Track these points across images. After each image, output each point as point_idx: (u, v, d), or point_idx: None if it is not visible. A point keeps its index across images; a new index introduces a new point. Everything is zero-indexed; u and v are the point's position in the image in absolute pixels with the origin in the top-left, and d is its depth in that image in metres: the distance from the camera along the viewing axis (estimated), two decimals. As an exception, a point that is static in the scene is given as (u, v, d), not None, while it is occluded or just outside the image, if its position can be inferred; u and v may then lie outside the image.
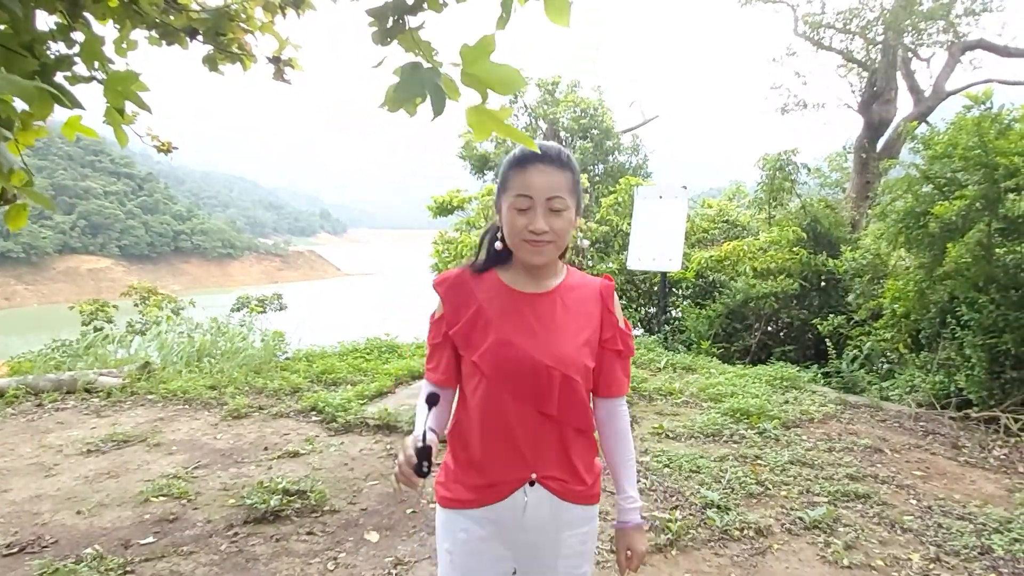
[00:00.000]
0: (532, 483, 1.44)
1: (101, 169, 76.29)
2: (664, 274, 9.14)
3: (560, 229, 1.41)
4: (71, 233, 67.75)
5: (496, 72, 1.34)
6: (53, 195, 66.39)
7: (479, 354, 1.40)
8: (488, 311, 1.45)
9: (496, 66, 1.33)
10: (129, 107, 1.85)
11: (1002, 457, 4.54)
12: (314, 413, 5.27)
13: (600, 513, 3.47)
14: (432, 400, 1.38)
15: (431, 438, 1.33)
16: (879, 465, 4.33)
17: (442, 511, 1.52)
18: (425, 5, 1.44)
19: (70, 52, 1.66)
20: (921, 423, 5.28)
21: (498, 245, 1.49)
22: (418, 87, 1.33)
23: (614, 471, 1.58)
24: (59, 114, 1.96)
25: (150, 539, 3.24)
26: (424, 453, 1.31)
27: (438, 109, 1.36)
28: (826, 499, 3.74)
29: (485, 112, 1.33)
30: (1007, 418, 5.04)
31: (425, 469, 1.30)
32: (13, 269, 61.26)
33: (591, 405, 1.55)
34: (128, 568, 2.95)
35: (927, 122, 11.93)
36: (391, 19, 1.36)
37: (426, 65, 1.33)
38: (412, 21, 1.39)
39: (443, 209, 11.76)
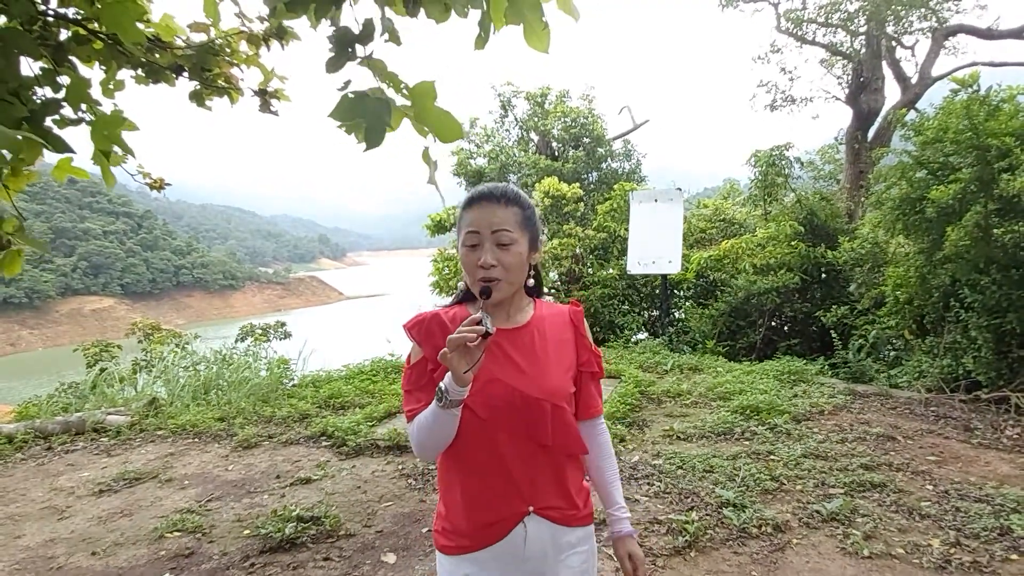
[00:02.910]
0: (529, 515, 1.45)
1: (99, 210, 76.73)
2: (665, 276, 9.15)
3: (509, 264, 1.42)
4: (72, 275, 68.01)
5: (439, 118, 1.32)
6: (52, 238, 66.77)
7: (470, 396, 1.39)
8: None
9: (440, 112, 1.32)
10: (118, 149, 1.87)
11: (1015, 437, 4.52)
12: (324, 438, 5.26)
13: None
14: None
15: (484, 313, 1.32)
16: (893, 453, 4.31)
17: (444, 558, 1.50)
18: (386, 36, 1.43)
19: (57, 96, 1.67)
20: (932, 408, 5.26)
21: (461, 285, 1.53)
22: (356, 114, 1.31)
23: (601, 486, 1.62)
24: (51, 157, 1.98)
25: (167, 575, 3.23)
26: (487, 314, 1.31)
27: (371, 141, 1.33)
28: (842, 490, 3.72)
29: (428, 157, 1.32)
30: (1017, 397, 5.02)
31: (491, 327, 1.28)
32: (17, 314, 61.42)
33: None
34: (146, 606, 2.94)
35: (916, 109, 11.97)
36: (346, 47, 1.35)
37: (382, 94, 1.31)
38: (362, 50, 1.38)
39: (440, 227, 11.79)
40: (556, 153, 18.55)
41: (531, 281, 1.54)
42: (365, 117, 1.32)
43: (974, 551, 3.02)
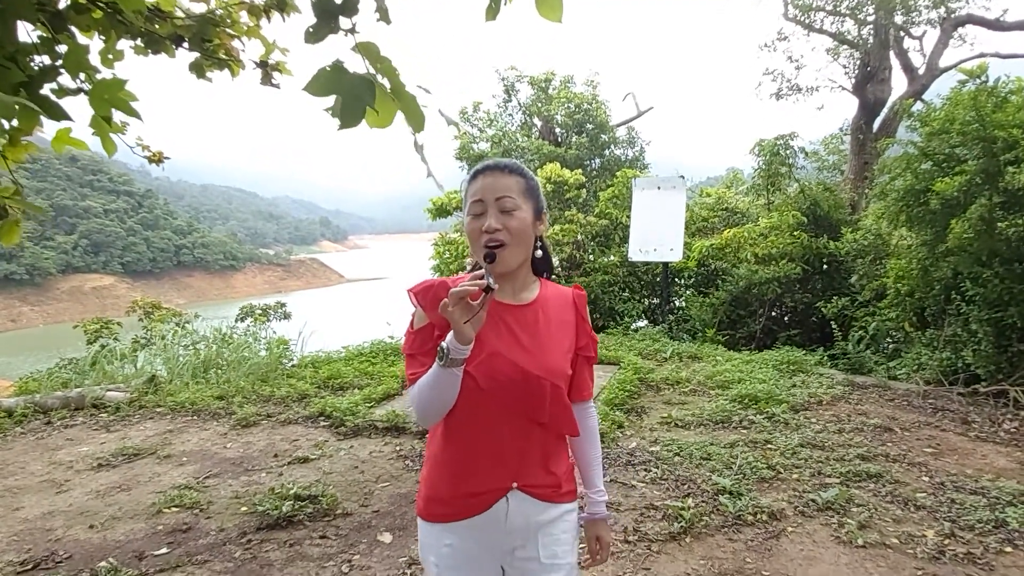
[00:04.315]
0: (513, 490, 1.47)
1: (100, 188, 76.50)
2: (666, 264, 9.13)
3: (515, 229, 1.42)
4: (73, 253, 67.98)
5: (408, 104, 1.29)
6: (53, 215, 66.72)
7: (473, 366, 1.39)
8: None
9: (411, 99, 1.28)
10: (119, 116, 1.85)
11: (1013, 430, 4.53)
12: (322, 418, 5.27)
13: (608, 504, 3.45)
14: None
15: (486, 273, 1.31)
16: (890, 444, 4.32)
17: (425, 524, 1.52)
18: (377, 16, 1.40)
19: (55, 64, 1.65)
20: (930, 400, 5.26)
21: (469, 261, 1.53)
22: (333, 89, 1.27)
23: (584, 467, 1.65)
24: (50, 132, 1.96)
25: (164, 550, 3.25)
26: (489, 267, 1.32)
27: (346, 120, 1.29)
28: (838, 480, 3.73)
29: (418, 145, 1.30)
30: (1016, 391, 5.02)
31: (493, 283, 1.28)
32: (18, 291, 61.49)
33: None
34: (143, 580, 2.95)
35: (922, 100, 11.90)
36: (328, 17, 1.32)
37: (362, 71, 1.27)
38: (346, 22, 1.34)
39: (442, 211, 11.74)
40: (559, 139, 18.47)
41: (539, 252, 1.55)
42: (342, 93, 1.28)
43: (968, 543, 3.03)
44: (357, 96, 1.26)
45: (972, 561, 2.87)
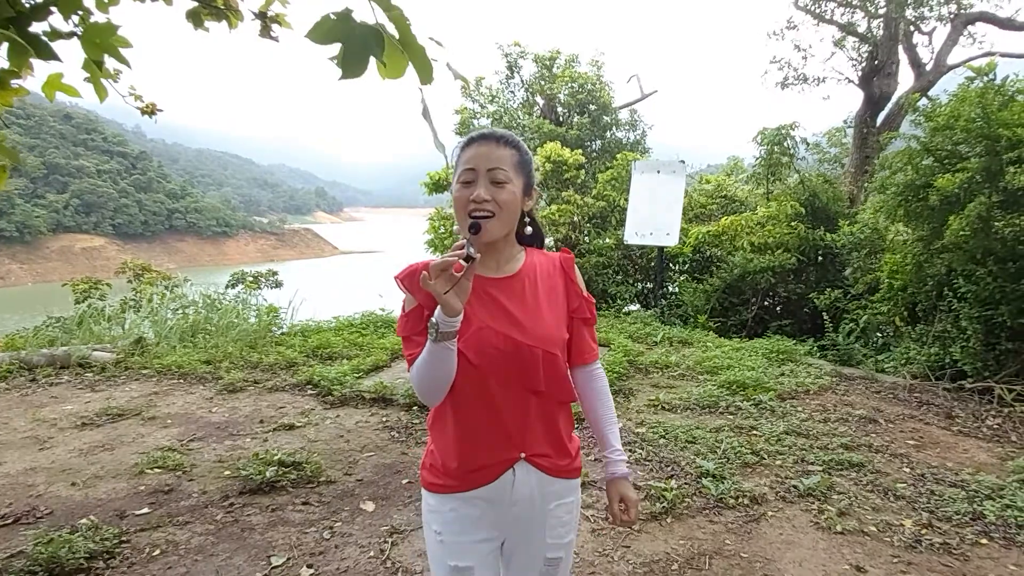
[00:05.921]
0: (520, 461, 1.47)
1: (94, 148, 75.58)
2: (661, 249, 9.11)
3: (503, 201, 1.41)
4: (64, 212, 67.38)
5: (416, 55, 1.25)
6: (45, 173, 65.98)
7: (463, 342, 1.38)
8: None
9: (420, 50, 1.24)
10: (111, 64, 1.79)
11: (995, 427, 4.56)
12: (310, 387, 5.26)
13: (592, 483, 3.47)
14: None
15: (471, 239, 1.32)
16: (873, 435, 4.35)
17: (429, 495, 1.52)
18: None
19: (47, 2, 1.59)
20: (915, 394, 5.30)
21: (456, 229, 1.49)
22: (335, 37, 1.22)
23: (599, 429, 1.62)
24: (41, 77, 1.90)
25: (145, 510, 3.24)
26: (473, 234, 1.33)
27: (348, 69, 1.24)
28: (820, 468, 3.76)
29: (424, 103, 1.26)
30: (1001, 389, 5.06)
31: (475, 253, 1.26)
32: (7, 248, 61.03)
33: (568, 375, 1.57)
34: (124, 538, 2.95)
35: (928, 96, 11.83)
36: None
37: (381, 28, 1.22)
38: None
39: (438, 185, 11.64)
40: (561, 118, 18.32)
41: (528, 229, 1.55)
42: (346, 42, 1.23)
43: (945, 533, 3.06)
44: (362, 46, 1.21)
45: (948, 551, 2.90)
